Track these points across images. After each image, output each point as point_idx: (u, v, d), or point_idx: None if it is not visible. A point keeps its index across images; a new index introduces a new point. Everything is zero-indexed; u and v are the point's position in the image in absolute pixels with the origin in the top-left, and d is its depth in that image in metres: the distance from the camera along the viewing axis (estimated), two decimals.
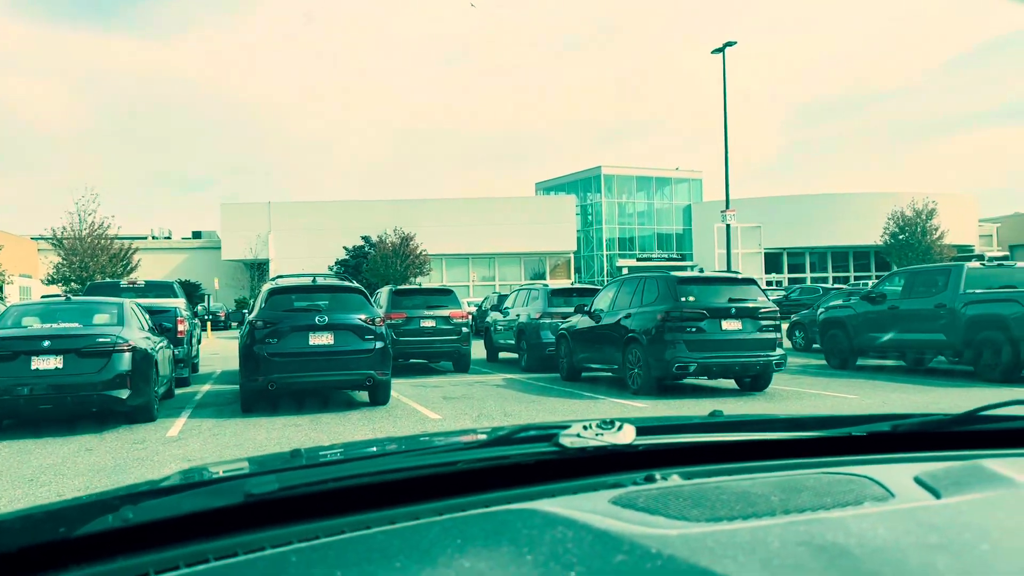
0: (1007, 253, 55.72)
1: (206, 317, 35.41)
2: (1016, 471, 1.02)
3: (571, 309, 14.56)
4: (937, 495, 0.98)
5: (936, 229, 45.44)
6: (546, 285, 17.57)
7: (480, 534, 0.86)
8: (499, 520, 0.90)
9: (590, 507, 0.94)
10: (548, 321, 15.53)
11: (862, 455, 1.31)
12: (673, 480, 1.12)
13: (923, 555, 0.78)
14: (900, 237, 45.81)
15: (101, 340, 9.13)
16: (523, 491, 1.11)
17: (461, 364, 15.98)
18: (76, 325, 9.62)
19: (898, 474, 1.07)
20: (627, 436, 1.21)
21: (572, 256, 57.55)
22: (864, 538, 0.82)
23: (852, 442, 1.37)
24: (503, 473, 1.16)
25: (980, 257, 15.54)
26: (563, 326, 14.18)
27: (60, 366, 8.88)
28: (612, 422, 1.25)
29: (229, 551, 0.92)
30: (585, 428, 1.22)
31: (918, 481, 1.03)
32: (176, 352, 12.84)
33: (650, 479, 1.13)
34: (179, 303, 15.70)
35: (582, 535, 0.84)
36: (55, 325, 9.58)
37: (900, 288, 14.23)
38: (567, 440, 1.19)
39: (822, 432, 1.39)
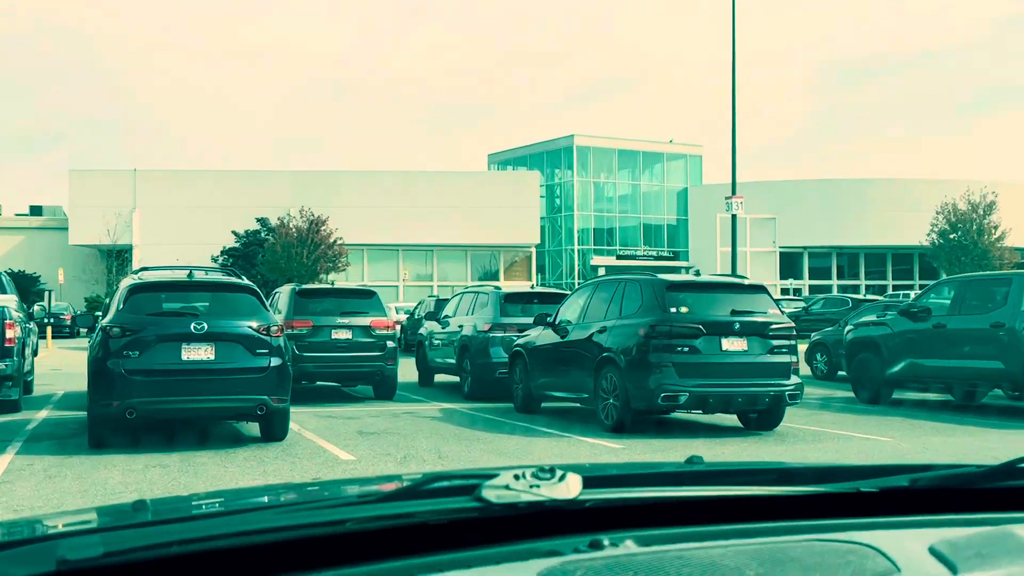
0: None
1: (45, 320, 34.64)
2: None
3: (530, 320, 14.61)
4: (955, 570, 1.00)
5: (996, 227, 46.53)
6: (498, 288, 17.64)
7: None
8: None
9: None
10: (500, 335, 15.57)
11: (870, 517, 1.34)
12: (626, 546, 1.13)
13: None
14: (951, 236, 46.83)
15: None
16: (430, 560, 1.11)
17: (384, 389, 15.94)
18: None
19: (911, 542, 1.10)
20: (571, 489, 1.22)
21: (534, 251, 57.81)
22: None
23: (860, 500, 1.40)
24: (406, 535, 1.16)
25: None
26: (519, 342, 14.22)
27: None
28: (552, 470, 1.25)
29: None
30: (517, 478, 1.22)
31: (933, 552, 1.06)
32: (3, 367, 12.56)
33: (596, 545, 1.13)
34: (8, 301, 15.37)
35: None
36: None
37: (949, 301, 14.54)
38: (492, 493, 1.19)
39: (822, 487, 1.41)
